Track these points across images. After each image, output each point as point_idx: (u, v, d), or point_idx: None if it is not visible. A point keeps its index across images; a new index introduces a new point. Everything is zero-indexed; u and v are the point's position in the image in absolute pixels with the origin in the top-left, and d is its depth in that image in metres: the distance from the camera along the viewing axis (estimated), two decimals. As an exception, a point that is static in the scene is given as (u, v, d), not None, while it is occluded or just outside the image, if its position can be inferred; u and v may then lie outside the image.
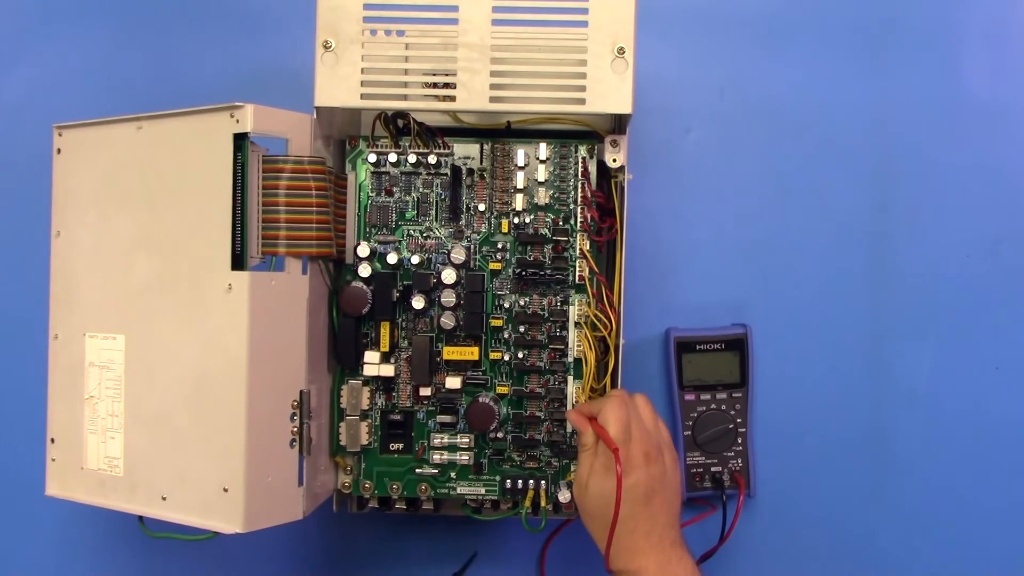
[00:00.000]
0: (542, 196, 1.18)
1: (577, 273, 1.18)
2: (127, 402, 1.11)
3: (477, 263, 1.19)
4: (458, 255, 1.17)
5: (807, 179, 1.38)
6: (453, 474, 1.20)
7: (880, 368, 1.37)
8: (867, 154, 1.38)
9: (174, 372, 1.08)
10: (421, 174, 1.19)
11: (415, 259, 1.17)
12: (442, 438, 1.19)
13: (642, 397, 1.12)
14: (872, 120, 1.39)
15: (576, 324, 1.18)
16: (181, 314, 1.07)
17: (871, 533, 1.37)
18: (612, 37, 1.09)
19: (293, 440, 1.09)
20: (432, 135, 1.18)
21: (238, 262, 1.04)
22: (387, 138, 1.18)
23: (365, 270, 1.16)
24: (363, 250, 1.16)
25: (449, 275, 1.16)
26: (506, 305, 1.19)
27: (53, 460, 1.17)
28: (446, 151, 1.18)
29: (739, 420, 1.34)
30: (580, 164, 1.18)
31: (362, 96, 1.10)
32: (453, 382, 1.18)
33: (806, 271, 1.38)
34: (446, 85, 1.11)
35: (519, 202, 1.18)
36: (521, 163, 1.17)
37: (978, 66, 1.39)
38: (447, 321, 1.16)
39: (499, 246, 1.19)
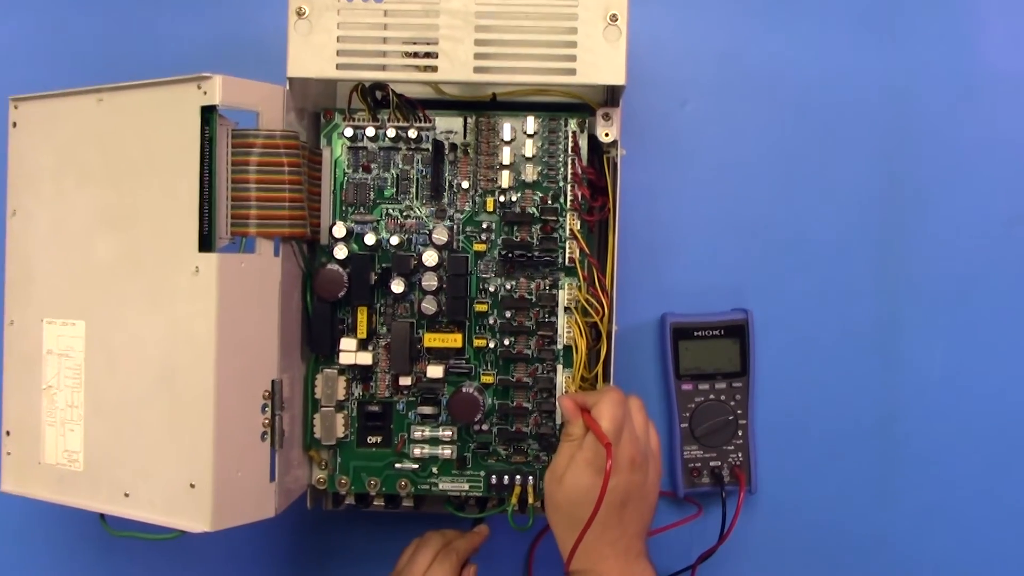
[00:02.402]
0: (529, 173, 1.19)
1: (567, 255, 1.19)
2: (87, 392, 1.11)
3: (460, 244, 1.20)
4: (440, 236, 1.17)
5: (813, 154, 1.38)
6: (435, 469, 1.21)
7: (890, 356, 1.38)
8: (877, 128, 1.39)
9: (137, 360, 1.08)
10: (401, 149, 1.19)
11: (394, 240, 1.18)
12: (423, 431, 1.20)
13: (637, 401, 1.14)
14: (883, 92, 1.39)
15: (566, 309, 1.19)
16: (145, 298, 1.07)
17: (880, 533, 1.38)
18: (604, 3, 1.09)
19: (264, 433, 1.10)
20: (412, 108, 1.18)
21: (206, 243, 1.04)
22: (364, 111, 1.18)
23: (341, 252, 1.17)
24: (339, 230, 1.17)
25: (431, 257, 1.17)
26: (491, 289, 1.20)
27: (8, 454, 1.16)
28: (427, 125, 1.19)
29: (739, 411, 1.35)
30: (570, 139, 1.18)
31: (338, 66, 1.10)
32: (435, 371, 1.19)
33: (811, 253, 1.38)
34: (427, 54, 1.11)
35: (505, 179, 1.18)
36: (507, 138, 1.18)
37: (996, 35, 1.39)
38: (428, 306, 1.17)
39: (484, 226, 1.19)
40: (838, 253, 1.38)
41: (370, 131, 1.18)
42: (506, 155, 1.18)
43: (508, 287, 1.20)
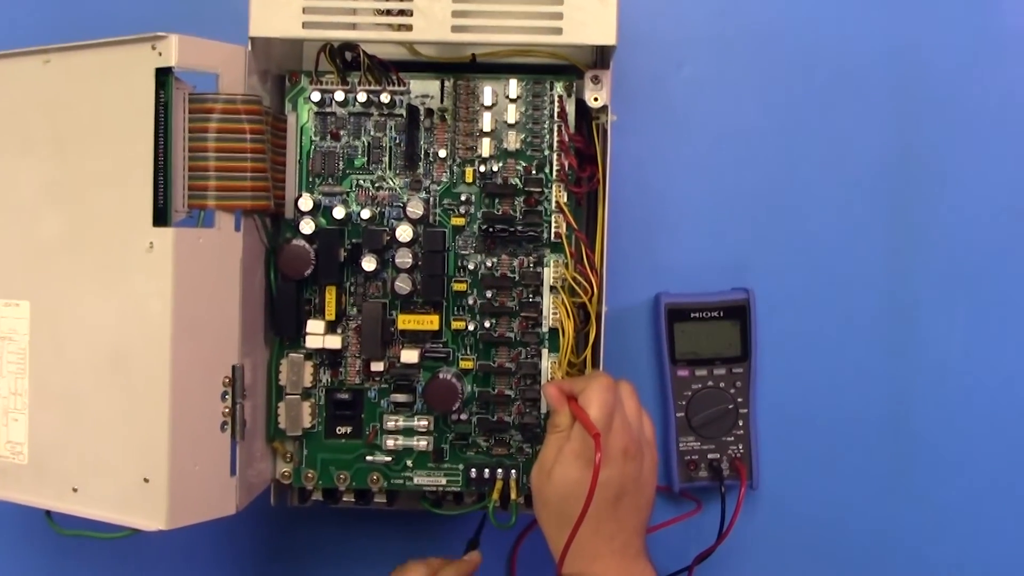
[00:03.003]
0: (512, 140, 1.19)
1: (553, 229, 1.19)
2: (32, 379, 1.11)
3: (437, 218, 1.20)
4: (415, 209, 1.17)
5: (819, 121, 1.39)
6: (409, 462, 1.22)
7: (903, 341, 1.38)
8: (889, 91, 1.39)
9: (87, 344, 1.08)
10: (372, 115, 1.20)
11: (365, 213, 1.18)
12: (397, 420, 1.21)
13: (628, 386, 1.13)
14: (896, 52, 1.39)
15: (552, 289, 1.20)
16: (95, 277, 1.07)
17: (891, 533, 1.39)
18: (593, -44, 1.10)
19: (224, 423, 1.10)
20: (385, 70, 1.18)
21: (161, 217, 1.04)
22: (333, 74, 1.18)
23: (307, 226, 1.17)
24: (305, 203, 1.17)
25: (405, 232, 1.17)
26: (471, 267, 1.20)
27: (-54, 447, 1.17)
28: (401, 89, 1.19)
29: (740, 400, 1.35)
30: (556, 104, 1.19)
31: (304, 25, 1.10)
32: (409, 356, 1.19)
33: (818, 228, 1.38)
34: (401, 12, 1.11)
35: (486, 147, 1.19)
36: (488, 102, 1.18)
37: (1015, -12, 1.40)
38: (402, 285, 1.17)
39: (462, 198, 1.20)
40: (847, 228, 1.38)
41: (339, 95, 1.18)
42: (487, 121, 1.19)
43: (489, 265, 1.20)
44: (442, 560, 1.21)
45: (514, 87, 1.18)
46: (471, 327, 1.21)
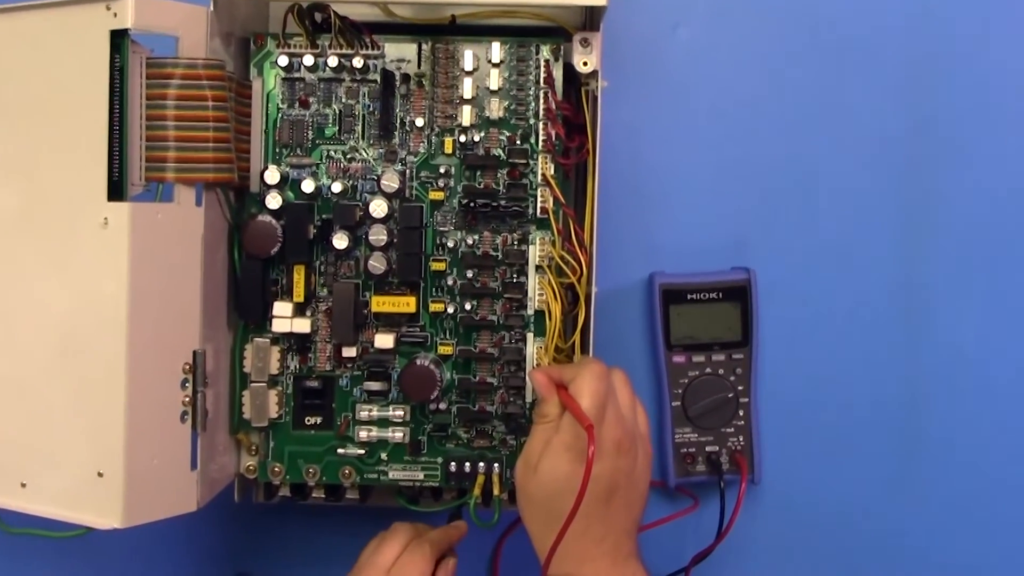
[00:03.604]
0: (495, 108, 1.19)
1: (539, 204, 1.20)
2: (-23, 366, 1.12)
3: (414, 192, 1.21)
4: (390, 182, 1.18)
5: (828, 88, 1.39)
6: (384, 455, 1.22)
7: (916, 326, 1.39)
8: (903, 58, 1.39)
9: (36, 328, 1.08)
10: (344, 81, 1.20)
11: (336, 187, 1.19)
12: (370, 410, 1.22)
13: (621, 374, 1.13)
14: (910, 15, 1.39)
15: (538, 268, 1.20)
16: (44, 256, 1.08)
17: (902, 531, 1.39)
18: (582, -93, 1.10)
19: (185, 413, 1.10)
20: (358, 32, 1.19)
21: (116, 191, 1.04)
22: (302, 36, 1.19)
23: (274, 201, 1.17)
24: (272, 176, 1.18)
25: (379, 207, 1.18)
26: (450, 244, 1.21)
27: None
28: (375, 52, 1.19)
29: (740, 388, 1.36)
30: (542, 68, 1.19)
31: (270, -18, 1.11)
32: (384, 340, 1.20)
33: (825, 204, 1.38)
34: None
35: (466, 116, 1.19)
36: (469, 67, 1.19)
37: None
38: (376, 264, 1.18)
39: (441, 171, 1.20)
40: (856, 204, 1.39)
41: (308, 59, 1.19)
42: (467, 88, 1.19)
43: (470, 242, 1.21)
44: (427, 526, 1.22)
45: (497, 51, 1.18)
46: (451, 310, 1.21)
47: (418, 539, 1.17)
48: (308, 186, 1.18)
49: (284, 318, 1.19)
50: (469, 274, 1.21)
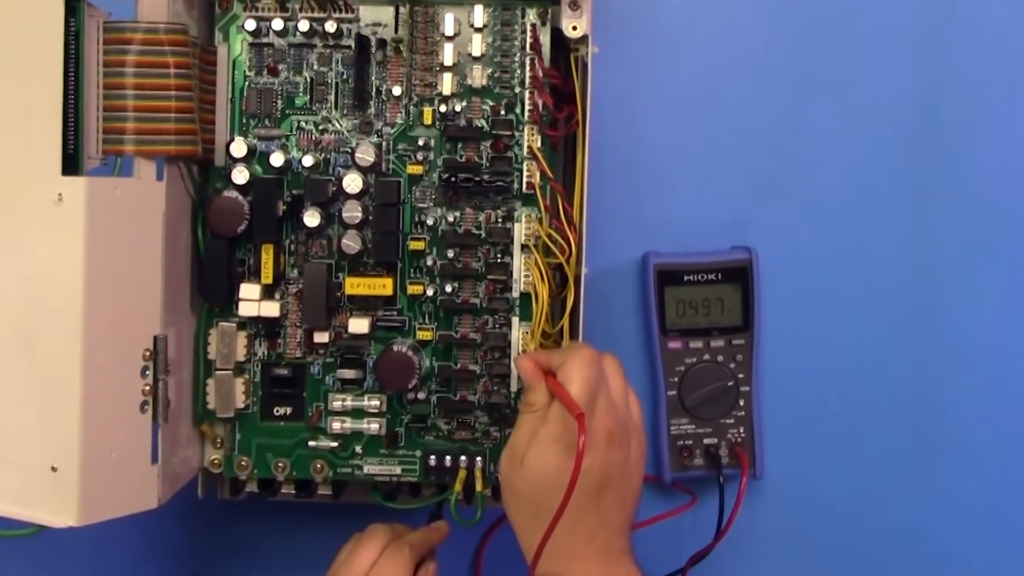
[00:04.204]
0: (477, 76, 1.20)
1: (525, 179, 1.20)
2: (-78, 352, 1.11)
3: (391, 166, 1.21)
4: (365, 155, 1.18)
5: (833, 54, 1.39)
6: (358, 448, 1.23)
7: (929, 308, 1.39)
8: (915, 24, 1.39)
9: None
10: (316, 47, 1.21)
11: (308, 160, 1.19)
12: (344, 400, 1.22)
13: (612, 360, 1.13)
14: None
15: (523, 248, 1.21)
16: None
17: (916, 528, 1.40)
18: None
19: (145, 403, 1.10)
20: (330, -7, 1.19)
21: (71, 164, 1.04)
22: (270, -2, 1.19)
23: (241, 175, 1.17)
24: (238, 148, 1.17)
25: (353, 182, 1.18)
26: (430, 222, 1.21)
27: None
28: (349, 16, 1.20)
29: (741, 376, 1.36)
30: (529, 34, 1.19)
31: (236, -59, 1.11)
32: (358, 325, 1.20)
33: (831, 179, 1.39)
34: None
35: (447, 84, 1.20)
36: (449, 32, 1.19)
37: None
38: (350, 243, 1.18)
39: (420, 143, 1.21)
40: (864, 180, 1.39)
41: (277, 24, 1.19)
42: (448, 54, 1.20)
43: (450, 220, 1.21)
44: (406, 527, 1.22)
45: (480, 14, 1.19)
46: (430, 292, 1.22)
47: (396, 542, 1.17)
48: (277, 159, 1.18)
49: (251, 301, 1.19)
50: (450, 254, 1.21)
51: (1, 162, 1.06)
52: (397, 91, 1.20)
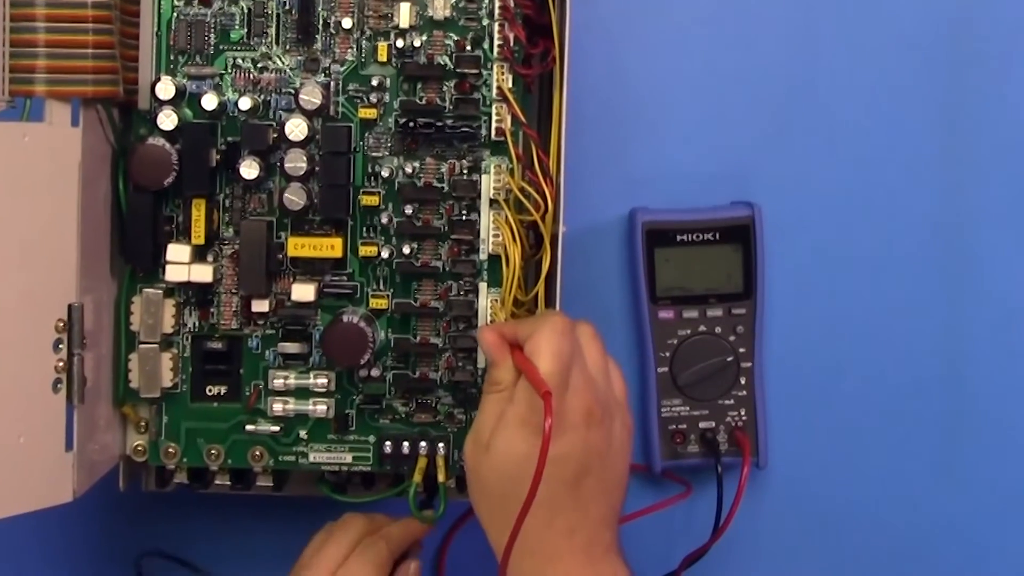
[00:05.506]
0: (440, 6, 1.20)
1: (494, 125, 1.20)
2: None
3: (340, 109, 1.22)
4: (311, 97, 1.18)
5: None
6: (303, 433, 1.24)
7: (955, 272, 1.40)
8: None
9: None
10: (254, -29, 1.22)
11: (245, 103, 1.18)
12: (286, 378, 1.23)
13: (588, 328, 1.14)
14: None
15: (492, 203, 1.21)
16: None
17: (937, 522, 1.41)
18: None
19: (58, 381, 1.11)
20: (271, -90, 1.20)
21: None
22: (201, -85, 1.20)
23: (168, 120, 1.17)
24: (165, 89, 1.17)
25: (297, 127, 1.18)
26: (385, 174, 1.21)
27: None
28: (292, -65, 1.20)
29: (742, 350, 1.38)
30: (498, -43, 1.21)
31: None
32: (303, 292, 1.20)
33: (843, 126, 1.40)
34: None
35: (404, 15, 1.20)
36: (408, -45, 1.20)
37: None
38: (294, 198, 1.18)
39: (374, 83, 1.21)
40: (882, 128, 1.40)
41: (209, -55, 1.20)
42: (406, -19, 1.21)
43: (409, 171, 1.22)
44: (386, 517, 1.23)
45: (442, -66, 1.20)
46: (385, 254, 1.22)
47: (372, 536, 1.19)
48: (210, 102, 1.18)
49: (180, 264, 1.19)
50: (408, 210, 1.22)
51: None
52: (347, 23, 1.20)
